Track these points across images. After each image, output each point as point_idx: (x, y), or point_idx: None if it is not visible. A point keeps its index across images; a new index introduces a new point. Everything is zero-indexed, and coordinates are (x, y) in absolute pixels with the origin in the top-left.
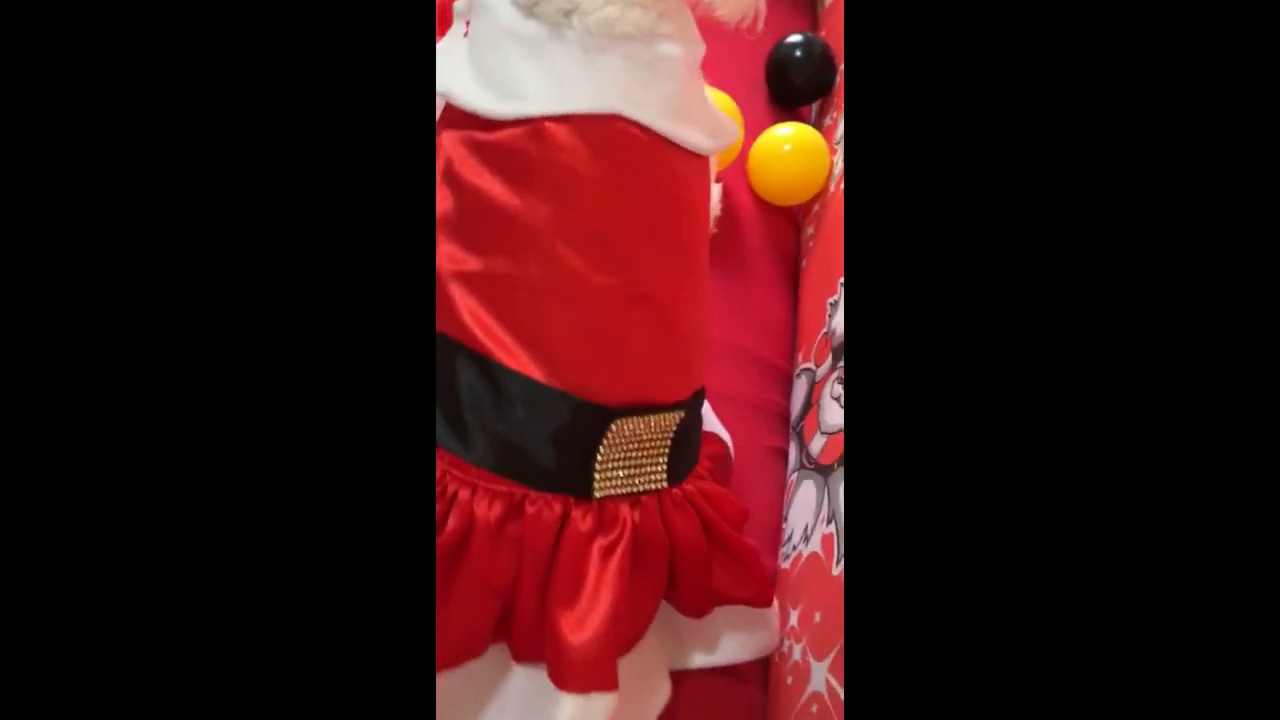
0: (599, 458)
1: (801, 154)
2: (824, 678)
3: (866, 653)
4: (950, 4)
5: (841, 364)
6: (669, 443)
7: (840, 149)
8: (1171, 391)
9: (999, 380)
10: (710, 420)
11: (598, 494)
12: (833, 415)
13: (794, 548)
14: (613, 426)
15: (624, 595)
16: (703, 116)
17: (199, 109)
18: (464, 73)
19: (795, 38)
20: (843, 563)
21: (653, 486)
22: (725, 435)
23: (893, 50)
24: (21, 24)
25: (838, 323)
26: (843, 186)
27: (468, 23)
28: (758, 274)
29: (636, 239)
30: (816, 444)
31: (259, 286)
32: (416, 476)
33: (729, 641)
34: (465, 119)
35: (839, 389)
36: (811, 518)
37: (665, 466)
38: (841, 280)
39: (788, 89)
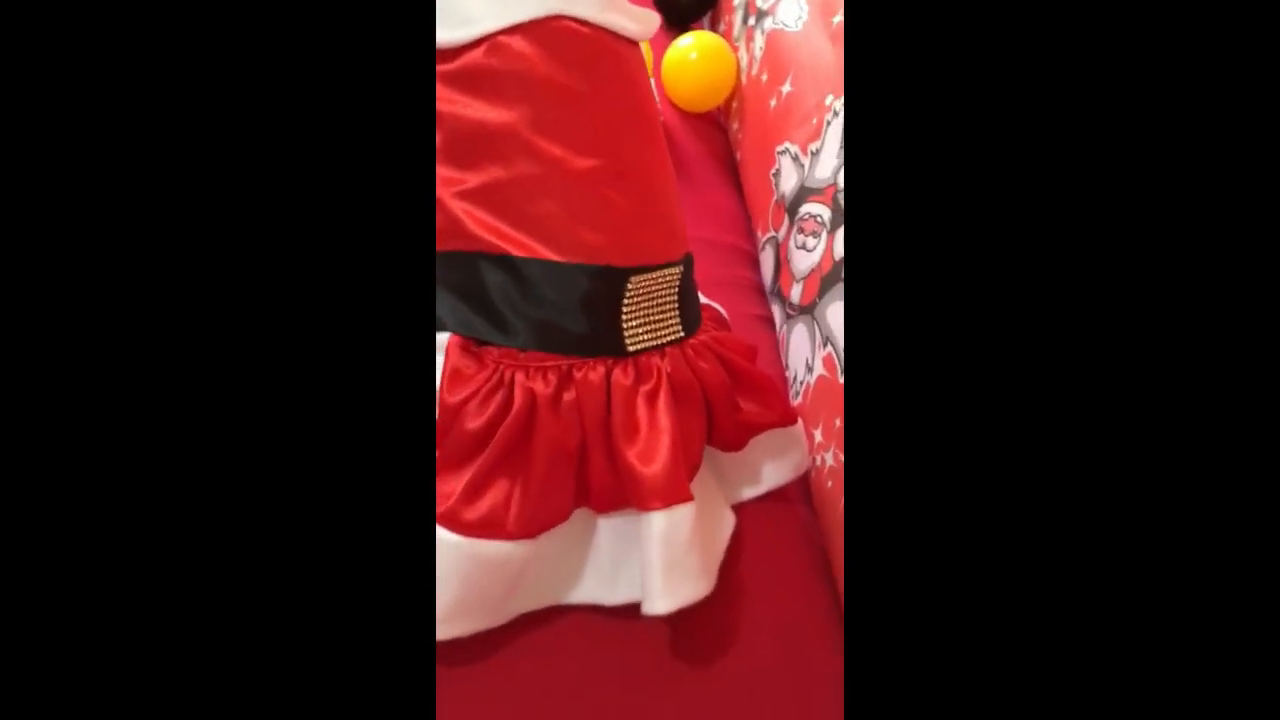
0: (624, 316)
1: (708, 58)
2: None
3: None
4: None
5: (799, 217)
6: (676, 298)
7: (741, 46)
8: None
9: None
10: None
11: (630, 349)
12: (801, 260)
13: (801, 383)
14: (629, 284)
15: (676, 425)
16: (626, 6)
17: (194, 86)
18: None
19: None
20: (844, 371)
21: (673, 338)
22: (717, 306)
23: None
24: (21, 24)
25: (785, 187)
26: (753, 74)
27: None
28: (700, 178)
29: (605, 120)
30: (795, 292)
31: (257, 268)
32: (416, 463)
33: (769, 469)
34: None
35: (801, 238)
36: (809, 351)
37: (678, 319)
38: (778, 148)
39: (675, 8)
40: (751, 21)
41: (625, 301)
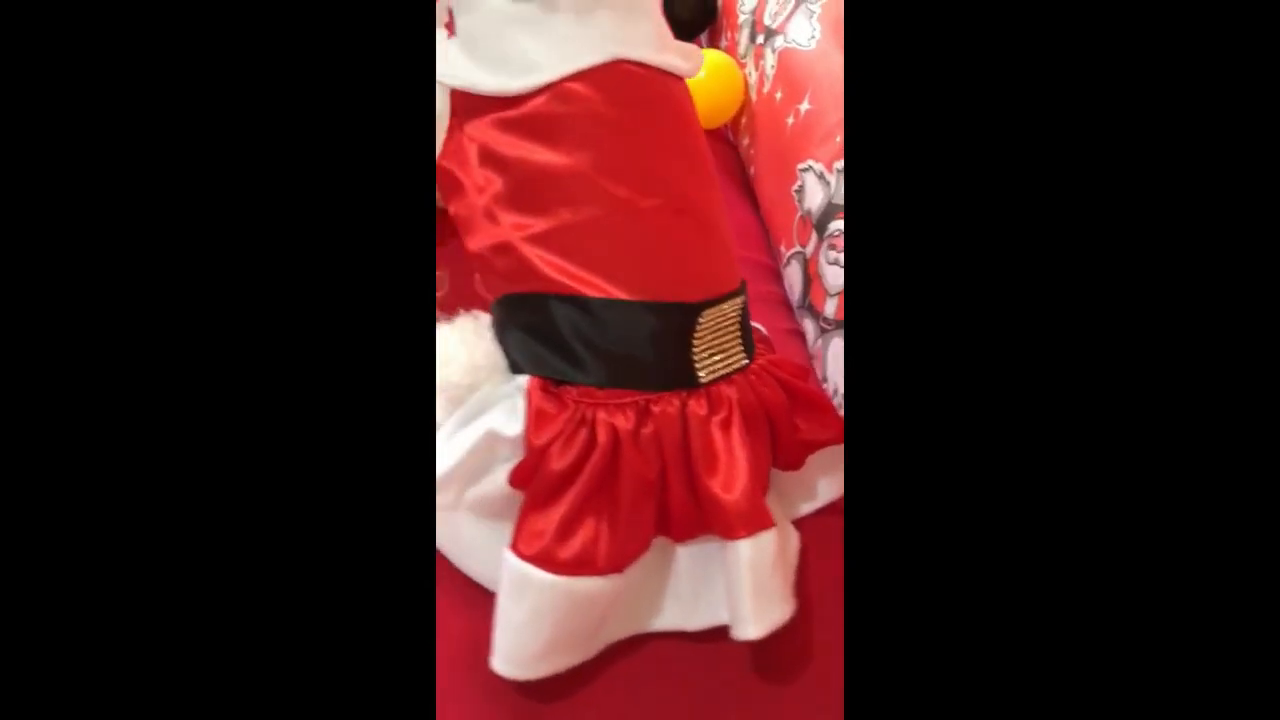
0: (694, 349)
1: (717, 76)
2: None
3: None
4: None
5: (828, 234)
6: (739, 326)
7: (749, 63)
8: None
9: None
10: None
11: (702, 381)
12: (835, 276)
13: (842, 395)
14: (700, 319)
15: (750, 451)
16: (676, 44)
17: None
18: (469, 65)
19: None
20: None
21: (738, 366)
22: (759, 326)
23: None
24: (22, 24)
25: (811, 204)
26: (765, 92)
27: (447, 25)
28: None
29: (665, 159)
30: (829, 306)
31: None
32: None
33: (824, 484)
34: (487, 105)
35: (833, 254)
36: None
37: (741, 347)
38: (800, 165)
39: (675, 23)
40: (760, 40)
41: (696, 335)
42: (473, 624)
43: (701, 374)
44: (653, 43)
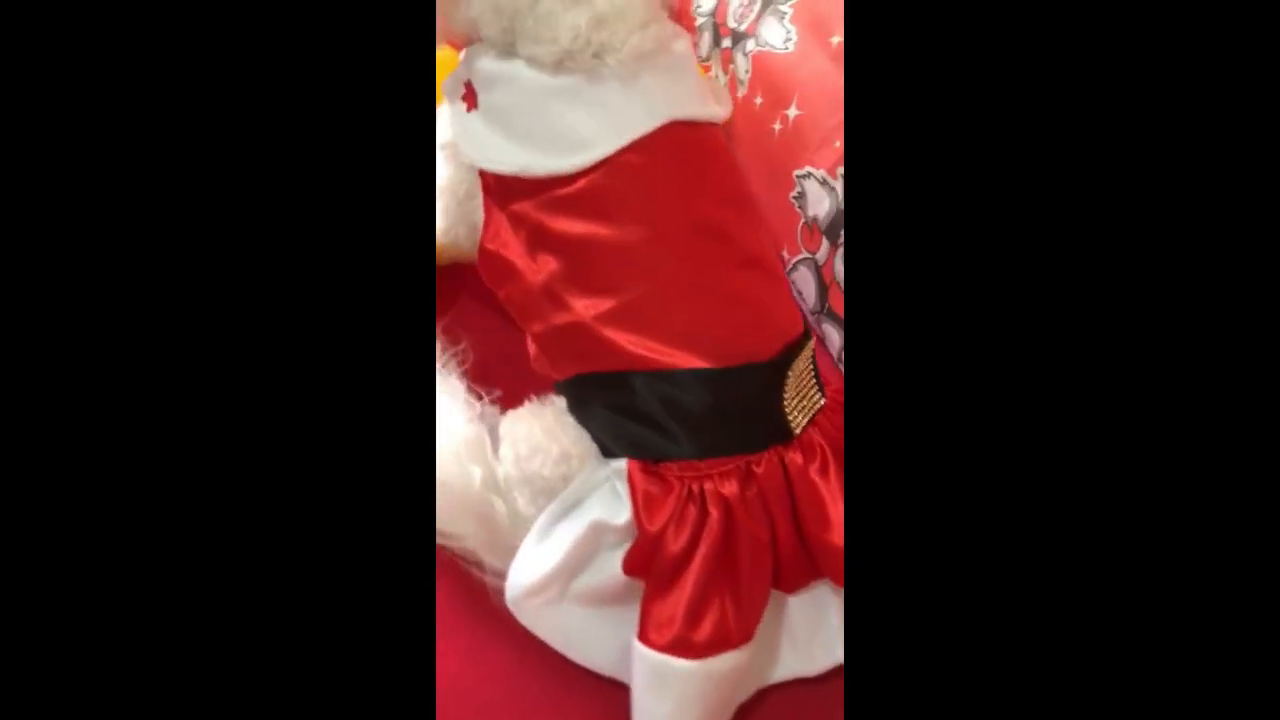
0: (785, 403)
1: None
2: None
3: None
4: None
5: (840, 240)
6: (814, 366)
7: (715, 67)
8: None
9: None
10: None
11: (795, 431)
12: None
13: None
14: (789, 373)
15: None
16: (712, 90)
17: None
18: (508, 145)
19: None
20: None
21: (818, 406)
22: None
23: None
24: (22, 24)
25: (816, 210)
26: (741, 97)
27: (465, 98)
28: None
29: (722, 213)
30: None
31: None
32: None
33: None
34: (535, 186)
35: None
36: None
37: (818, 386)
38: (798, 172)
39: None
40: (726, 44)
41: (785, 389)
42: None
43: (794, 426)
44: (696, 96)
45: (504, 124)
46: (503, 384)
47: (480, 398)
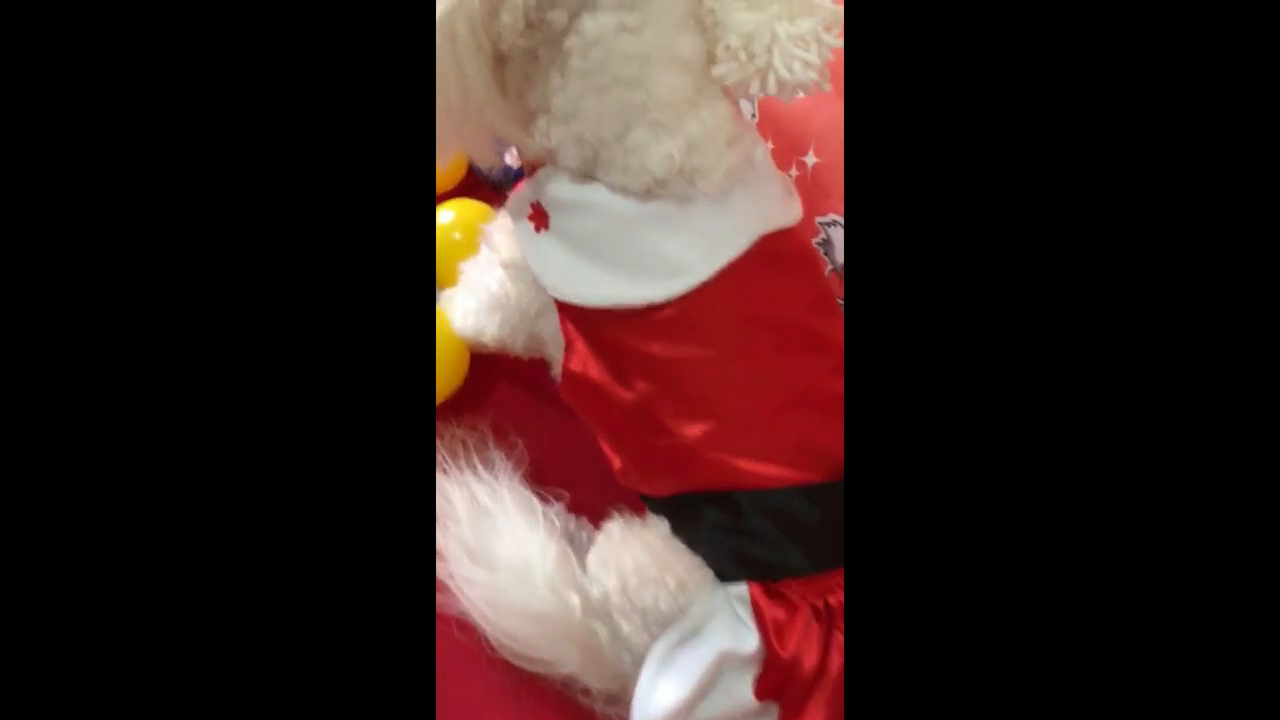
0: None
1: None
2: None
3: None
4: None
5: None
6: None
7: None
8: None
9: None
10: None
11: None
12: None
13: None
14: None
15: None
16: (787, 186)
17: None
18: (592, 271)
19: None
20: None
21: None
22: None
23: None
24: (22, 24)
25: (838, 257)
26: None
27: (533, 218)
28: None
29: (815, 320)
30: None
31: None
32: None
33: None
34: (627, 313)
35: None
36: None
37: None
38: (821, 219)
39: None
40: None
41: None
42: None
43: None
44: (780, 204)
45: (588, 251)
46: (561, 479)
47: (547, 501)
